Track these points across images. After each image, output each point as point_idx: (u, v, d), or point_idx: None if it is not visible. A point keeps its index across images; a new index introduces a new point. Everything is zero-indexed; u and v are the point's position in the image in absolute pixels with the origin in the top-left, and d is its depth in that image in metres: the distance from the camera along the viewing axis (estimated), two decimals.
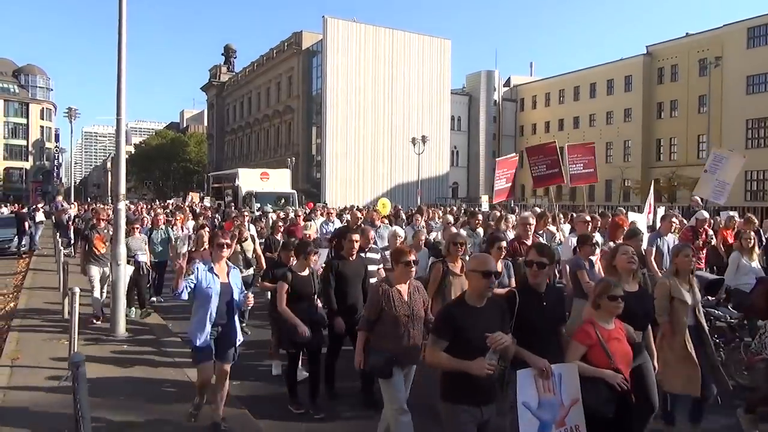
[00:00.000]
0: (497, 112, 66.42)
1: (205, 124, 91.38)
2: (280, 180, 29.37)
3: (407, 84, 54.29)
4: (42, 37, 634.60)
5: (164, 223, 11.96)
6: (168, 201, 45.97)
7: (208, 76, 79.70)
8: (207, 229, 10.51)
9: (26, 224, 21.90)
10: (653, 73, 53.45)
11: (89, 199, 74.66)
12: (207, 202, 32.72)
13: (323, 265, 6.65)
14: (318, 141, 53.75)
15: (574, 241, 7.17)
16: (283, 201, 24.42)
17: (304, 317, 5.58)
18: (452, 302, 3.75)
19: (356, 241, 6.19)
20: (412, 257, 4.44)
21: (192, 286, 4.77)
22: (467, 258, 5.33)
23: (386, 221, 13.37)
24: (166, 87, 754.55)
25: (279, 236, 10.08)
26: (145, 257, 10.07)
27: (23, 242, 21.17)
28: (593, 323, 3.76)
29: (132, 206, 24.61)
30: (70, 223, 20.37)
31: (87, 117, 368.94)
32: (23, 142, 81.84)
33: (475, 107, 65.10)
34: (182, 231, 13.13)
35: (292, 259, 6.27)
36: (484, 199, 27.08)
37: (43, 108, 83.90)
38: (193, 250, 8.95)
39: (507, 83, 69.69)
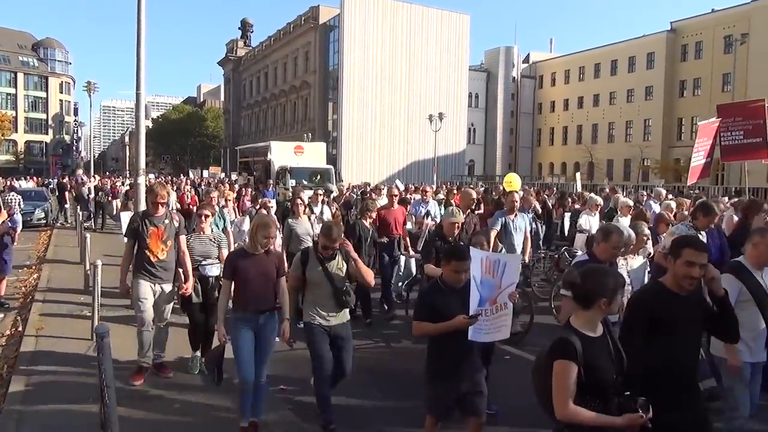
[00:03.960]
0: (516, 89, 65.63)
1: (222, 98, 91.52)
2: (315, 154, 27.64)
3: (425, 59, 53.73)
4: (59, 10, 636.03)
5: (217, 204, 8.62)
6: (190, 177, 46.03)
7: (225, 51, 79.57)
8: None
9: (66, 196, 22.67)
10: (677, 50, 52.30)
11: (107, 173, 75.44)
12: (234, 177, 31.58)
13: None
14: (334, 117, 53.64)
15: None
16: (319, 177, 22.72)
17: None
18: None
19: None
20: None
21: None
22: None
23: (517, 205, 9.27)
24: (183, 61, 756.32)
25: (368, 223, 7.52)
26: (217, 269, 5.82)
27: (63, 214, 22.12)
28: None
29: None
30: (90, 196, 20.69)
31: (105, 91, 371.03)
32: (43, 116, 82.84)
33: (494, 84, 64.33)
34: (236, 215, 9.71)
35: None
36: (578, 178, 25.44)
37: (62, 82, 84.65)
38: (257, 251, 4.52)
39: (526, 59, 68.67)
